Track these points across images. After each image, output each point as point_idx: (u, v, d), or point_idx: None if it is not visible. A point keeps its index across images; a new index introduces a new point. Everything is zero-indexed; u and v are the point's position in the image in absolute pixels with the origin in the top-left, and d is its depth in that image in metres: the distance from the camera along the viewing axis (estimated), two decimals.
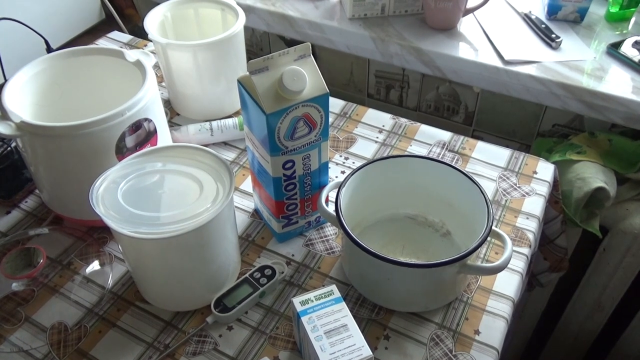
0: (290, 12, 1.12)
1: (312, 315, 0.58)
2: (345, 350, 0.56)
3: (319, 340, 0.56)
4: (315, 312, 0.59)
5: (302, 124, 0.64)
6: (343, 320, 0.58)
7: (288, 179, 0.68)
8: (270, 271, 0.70)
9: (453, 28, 1.07)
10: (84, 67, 0.78)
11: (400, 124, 0.93)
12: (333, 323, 0.58)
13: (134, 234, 0.58)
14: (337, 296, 0.60)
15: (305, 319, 0.58)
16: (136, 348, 0.65)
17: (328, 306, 0.59)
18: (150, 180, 0.64)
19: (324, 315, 0.59)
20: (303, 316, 0.58)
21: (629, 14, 1.07)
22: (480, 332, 0.66)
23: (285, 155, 0.65)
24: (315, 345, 0.56)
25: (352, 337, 0.57)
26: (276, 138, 0.63)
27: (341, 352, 0.55)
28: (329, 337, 0.57)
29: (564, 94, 0.94)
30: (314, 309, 0.59)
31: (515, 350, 1.27)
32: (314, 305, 0.59)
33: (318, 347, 0.56)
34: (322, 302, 0.60)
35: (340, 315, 0.59)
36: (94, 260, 0.74)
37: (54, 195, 0.76)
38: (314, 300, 0.60)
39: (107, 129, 0.67)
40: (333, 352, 0.55)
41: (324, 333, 0.57)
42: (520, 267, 0.72)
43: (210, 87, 0.91)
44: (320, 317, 0.58)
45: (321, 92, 0.63)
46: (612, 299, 1.05)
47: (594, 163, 0.94)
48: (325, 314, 0.59)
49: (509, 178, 0.84)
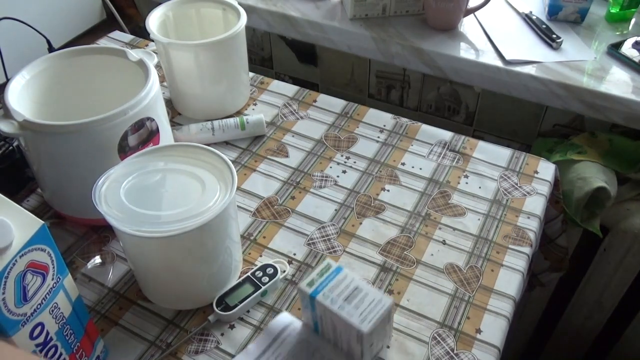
0: (292, 12, 1.12)
1: (324, 291, 0.61)
2: (369, 307, 0.59)
3: (342, 309, 0.59)
4: (325, 288, 0.61)
5: (31, 277, 0.50)
6: (353, 285, 0.61)
7: (44, 346, 0.54)
8: (272, 270, 0.70)
9: (454, 28, 1.07)
10: (86, 66, 0.79)
11: (402, 123, 0.93)
12: (346, 290, 0.61)
13: (136, 232, 0.58)
14: (336, 267, 0.63)
15: (320, 297, 0.60)
16: (138, 346, 0.65)
17: (333, 278, 0.62)
18: (153, 179, 0.64)
19: (334, 287, 0.61)
20: (317, 295, 0.61)
21: (629, 15, 1.07)
22: (481, 331, 0.66)
23: (28, 323, 0.51)
24: (342, 314, 0.59)
25: (369, 294, 0.61)
26: (5, 312, 0.48)
27: (367, 310, 0.59)
28: (349, 302, 0.60)
29: (565, 94, 0.95)
30: (323, 285, 0.61)
31: (516, 350, 1.27)
32: (321, 282, 0.62)
33: (345, 315, 0.59)
34: (326, 277, 0.62)
35: (347, 281, 0.62)
36: (96, 259, 0.74)
37: (55, 194, 0.77)
38: (318, 278, 0.62)
39: (110, 128, 0.67)
40: (361, 313, 0.59)
41: (343, 301, 0.60)
42: (521, 267, 0.72)
43: (212, 87, 0.91)
44: (332, 290, 0.61)
45: (34, 228, 0.49)
46: (613, 298, 1.05)
47: (595, 163, 0.94)
48: (335, 285, 0.61)
49: (510, 178, 0.84)
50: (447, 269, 0.72)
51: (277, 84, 1.02)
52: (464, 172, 0.85)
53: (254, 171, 0.86)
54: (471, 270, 0.72)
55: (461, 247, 0.75)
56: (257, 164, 0.87)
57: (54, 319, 0.54)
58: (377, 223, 0.78)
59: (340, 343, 0.62)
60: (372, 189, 0.83)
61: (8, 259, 0.47)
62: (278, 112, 0.96)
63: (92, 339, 0.61)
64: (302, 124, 0.94)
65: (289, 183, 0.84)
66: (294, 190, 0.83)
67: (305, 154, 0.88)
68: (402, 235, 0.76)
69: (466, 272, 0.72)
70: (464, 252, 0.74)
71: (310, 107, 0.97)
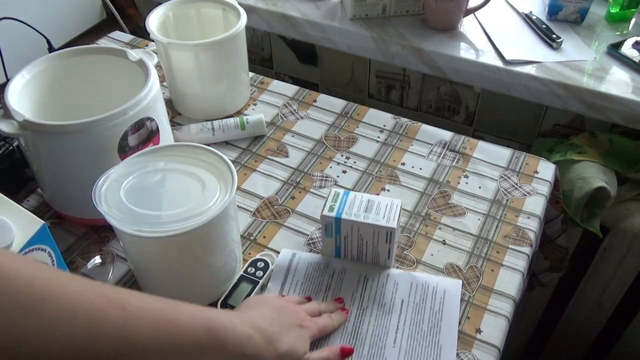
0: (292, 12, 1.12)
1: (345, 210, 0.68)
2: (387, 210, 0.68)
3: (367, 217, 0.67)
4: (345, 208, 0.68)
5: None
6: (364, 199, 0.69)
7: None
8: (263, 263, 0.71)
9: (454, 28, 1.07)
10: (87, 66, 0.79)
11: (402, 123, 0.93)
12: (362, 205, 0.68)
13: (136, 232, 0.58)
14: (344, 191, 0.70)
15: (345, 216, 0.67)
16: None
17: (346, 199, 0.69)
18: (153, 179, 0.64)
19: (351, 205, 0.68)
20: (341, 216, 0.67)
21: (629, 15, 1.07)
22: (481, 331, 0.66)
23: None
24: (370, 220, 0.67)
25: (381, 201, 0.69)
26: None
27: (386, 212, 0.68)
28: (369, 211, 0.68)
29: (565, 94, 0.95)
30: (342, 206, 0.68)
31: (516, 350, 1.27)
32: (338, 205, 0.68)
33: (373, 220, 0.67)
34: (341, 200, 0.69)
35: (359, 198, 0.69)
36: (96, 259, 0.74)
37: (55, 194, 0.77)
38: (334, 204, 0.68)
39: (110, 128, 0.67)
40: (384, 215, 0.67)
41: (364, 212, 0.67)
42: (521, 266, 0.72)
43: (212, 87, 0.91)
44: (351, 207, 0.68)
45: (34, 227, 0.49)
46: (613, 298, 1.05)
47: (595, 163, 0.94)
48: (350, 204, 0.68)
49: (510, 178, 0.84)
50: (447, 269, 0.72)
51: (277, 84, 1.02)
52: (464, 172, 0.85)
53: (254, 171, 0.86)
54: (471, 270, 0.72)
55: (461, 247, 0.75)
56: (257, 164, 0.87)
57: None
58: None
59: (364, 256, 0.71)
60: (372, 189, 0.83)
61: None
62: (278, 112, 0.96)
63: None
64: (302, 124, 0.94)
65: (289, 183, 0.84)
66: (294, 190, 0.83)
67: (305, 154, 0.88)
68: (402, 235, 0.76)
69: (466, 272, 0.72)
70: (464, 252, 0.74)
71: (310, 107, 0.97)
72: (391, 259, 0.70)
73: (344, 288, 0.69)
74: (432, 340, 0.64)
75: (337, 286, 0.69)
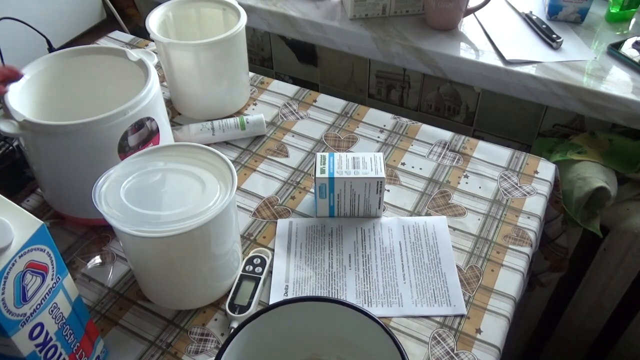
0: (292, 12, 1.12)
1: (335, 170, 0.73)
2: (372, 163, 0.74)
3: (357, 173, 0.72)
4: (335, 167, 0.73)
5: (30, 277, 0.50)
6: (349, 157, 0.75)
7: (44, 346, 0.53)
8: (259, 260, 0.71)
9: (454, 28, 1.07)
10: (87, 66, 0.79)
11: (402, 123, 0.93)
12: (349, 163, 0.74)
13: (136, 232, 0.58)
14: (329, 154, 0.75)
15: (336, 174, 0.72)
16: (138, 346, 0.65)
17: (333, 161, 0.74)
18: (153, 179, 0.64)
19: (339, 165, 0.73)
20: (334, 175, 0.72)
21: (629, 15, 1.07)
22: (481, 331, 0.66)
23: (28, 323, 0.51)
24: (360, 175, 0.72)
25: (364, 156, 0.75)
26: (4, 312, 0.48)
27: (372, 165, 0.73)
28: (357, 166, 0.73)
29: (565, 94, 0.95)
30: (331, 168, 0.73)
31: (516, 350, 1.27)
32: (328, 167, 0.73)
33: (363, 174, 0.72)
34: (328, 164, 0.74)
35: (344, 157, 0.75)
36: (96, 259, 0.74)
37: (56, 194, 0.77)
38: (323, 166, 0.73)
39: (110, 128, 0.67)
40: (371, 168, 0.73)
41: (353, 168, 0.73)
42: (521, 266, 0.72)
43: (212, 87, 0.91)
44: (340, 166, 0.73)
45: (33, 228, 0.49)
46: (613, 298, 1.05)
47: (595, 163, 0.94)
48: (338, 164, 0.74)
49: (510, 178, 0.84)
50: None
51: (277, 84, 1.02)
52: (464, 172, 0.85)
53: (254, 171, 0.86)
54: (471, 270, 0.72)
55: (461, 247, 0.75)
56: (257, 164, 0.87)
57: (54, 319, 0.54)
58: None
59: (357, 210, 0.76)
60: None
61: (7, 259, 0.47)
62: (278, 112, 0.96)
63: (92, 339, 0.61)
64: (302, 124, 0.94)
65: (289, 183, 0.84)
66: (294, 190, 0.83)
67: (305, 154, 0.88)
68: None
69: (466, 272, 0.72)
70: (464, 252, 0.74)
71: (310, 107, 0.97)
72: (381, 208, 0.76)
73: (345, 242, 0.74)
74: (436, 270, 0.71)
75: (339, 242, 0.74)
